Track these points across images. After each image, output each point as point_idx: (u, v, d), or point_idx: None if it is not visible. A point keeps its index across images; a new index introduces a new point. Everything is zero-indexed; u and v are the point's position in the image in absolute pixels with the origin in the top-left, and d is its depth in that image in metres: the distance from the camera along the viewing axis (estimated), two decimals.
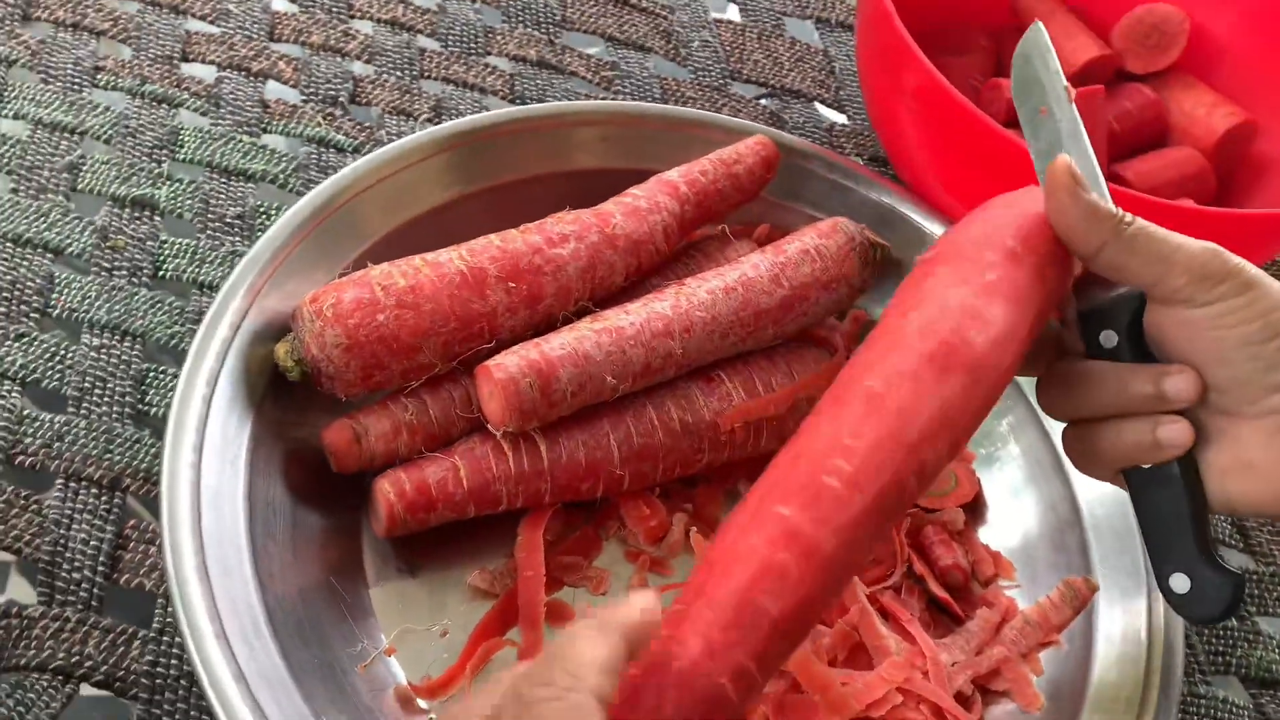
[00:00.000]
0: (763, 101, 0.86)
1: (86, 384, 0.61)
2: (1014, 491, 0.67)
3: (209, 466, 0.53)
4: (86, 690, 0.53)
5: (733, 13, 0.93)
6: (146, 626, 0.55)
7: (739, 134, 0.72)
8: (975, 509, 0.67)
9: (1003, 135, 0.68)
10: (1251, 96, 0.85)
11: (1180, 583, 0.51)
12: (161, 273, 0.66)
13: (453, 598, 0.58)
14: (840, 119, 0.87)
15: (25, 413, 0.59)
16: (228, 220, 0.69)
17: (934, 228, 0.73)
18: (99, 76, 0.73)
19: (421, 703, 0.55)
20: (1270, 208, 0.79)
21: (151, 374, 0.62)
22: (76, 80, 0.73)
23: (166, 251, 0.67)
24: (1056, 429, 0.63)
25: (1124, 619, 0.61)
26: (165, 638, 0.54)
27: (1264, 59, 0.85)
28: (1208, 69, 0.87)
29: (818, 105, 0.88)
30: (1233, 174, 0.85)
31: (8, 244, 0.64)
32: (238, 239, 0.68)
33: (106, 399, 0.60)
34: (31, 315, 0.62)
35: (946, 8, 0.87)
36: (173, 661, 0.54)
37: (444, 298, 0.58)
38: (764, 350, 0.66)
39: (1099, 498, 0.64)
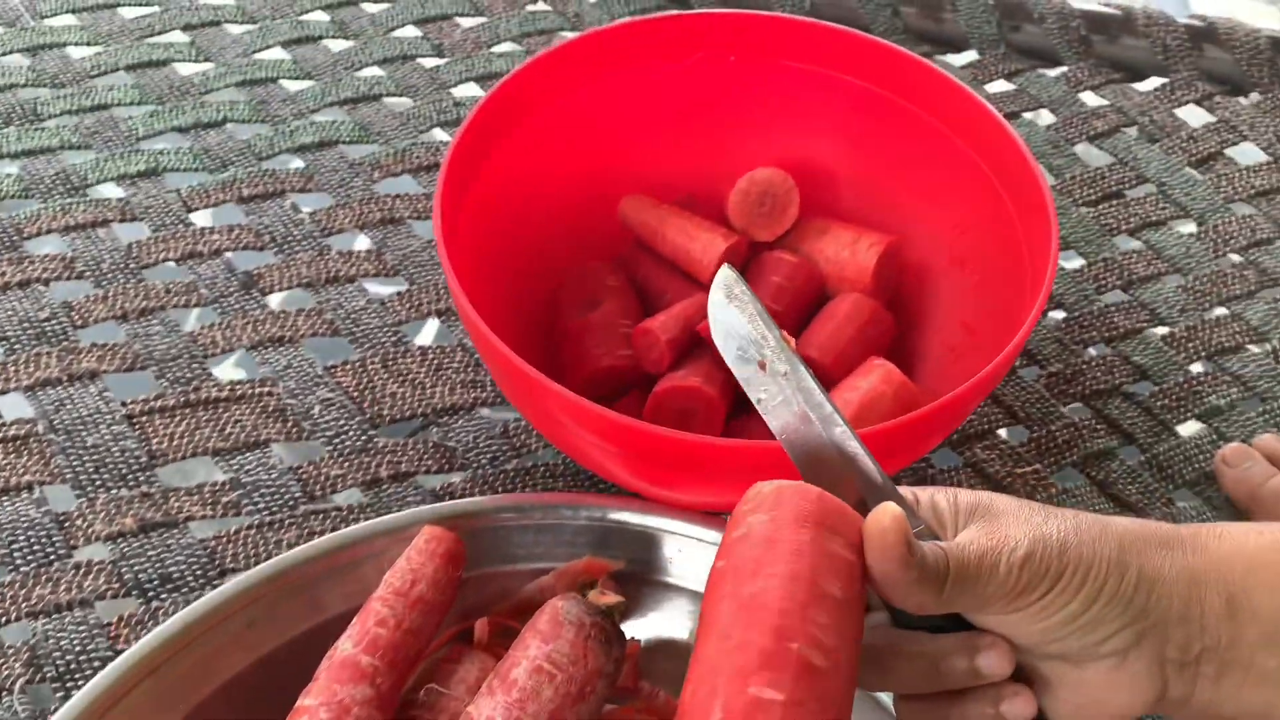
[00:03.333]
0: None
1: None
2: None
3: None
4: None
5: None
6: None
7: (402, 531, 0.61)
8: None
9: (649, 432, 0.60)
10: (878, 213, 0.81)
11: None
12: None
13: None
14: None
15: None
16: None
17: (660, 523, 0.63)
18: None
19: None
20: (948, 304, 0.77)
21: None
22: None
23: None
24: None
25: None
26: None
27: (869, 175, 0.81)
28: (831, 206, 0.81)
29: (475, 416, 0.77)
30: (900, 290, 0.80)
31: None
32: None
33: None
34: None
35: (561, 254, 0.79)
36: None
37: None
38: None
39: None
